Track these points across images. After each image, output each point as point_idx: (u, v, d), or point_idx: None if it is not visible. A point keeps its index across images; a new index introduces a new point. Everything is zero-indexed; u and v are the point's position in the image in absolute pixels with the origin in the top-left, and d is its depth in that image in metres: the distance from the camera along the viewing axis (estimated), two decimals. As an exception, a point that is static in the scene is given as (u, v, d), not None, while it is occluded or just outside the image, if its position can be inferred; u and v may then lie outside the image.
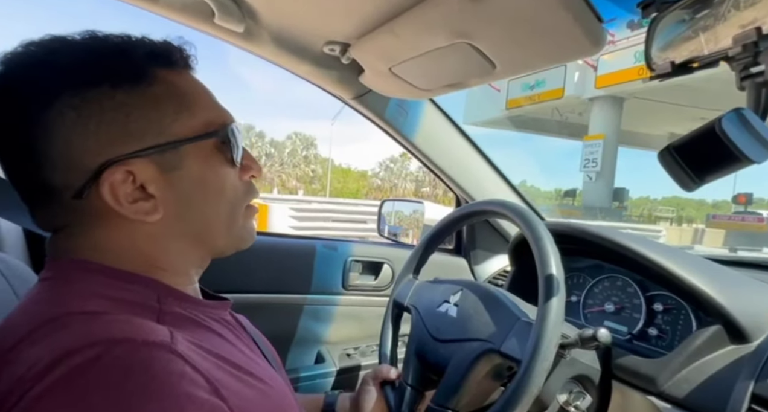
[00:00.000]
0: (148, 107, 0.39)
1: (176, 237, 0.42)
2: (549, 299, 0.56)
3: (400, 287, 0.82)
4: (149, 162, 0.39)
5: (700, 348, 0.65)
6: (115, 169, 0.37)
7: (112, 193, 0.38)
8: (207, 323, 0.42)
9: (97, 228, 0.40)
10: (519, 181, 3.59)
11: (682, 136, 0.43)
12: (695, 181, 0.42)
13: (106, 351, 0.30)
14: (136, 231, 0.40)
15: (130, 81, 0.39)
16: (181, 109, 0.41)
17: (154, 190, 0.39)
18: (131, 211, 0.39)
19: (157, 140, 0.39)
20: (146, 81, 0.39)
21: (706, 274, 0.70)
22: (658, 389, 0.66)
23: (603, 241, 0.82)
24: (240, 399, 0.35)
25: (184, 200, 0.41)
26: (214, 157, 0.43)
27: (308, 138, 34.69)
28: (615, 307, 0.85)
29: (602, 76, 10.95)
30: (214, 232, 0.44)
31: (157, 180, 0.39)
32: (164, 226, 0.41)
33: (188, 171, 0.41)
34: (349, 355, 1.13)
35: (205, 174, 0.42)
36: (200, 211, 0.42)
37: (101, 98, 0.37)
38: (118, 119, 0.38)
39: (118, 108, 0.38)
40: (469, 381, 0.62)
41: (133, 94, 0.39)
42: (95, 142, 0.37)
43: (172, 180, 0.40)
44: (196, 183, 0.41)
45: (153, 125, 0.39)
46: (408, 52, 0.68)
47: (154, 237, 0.41)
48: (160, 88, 0.40)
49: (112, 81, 0.38)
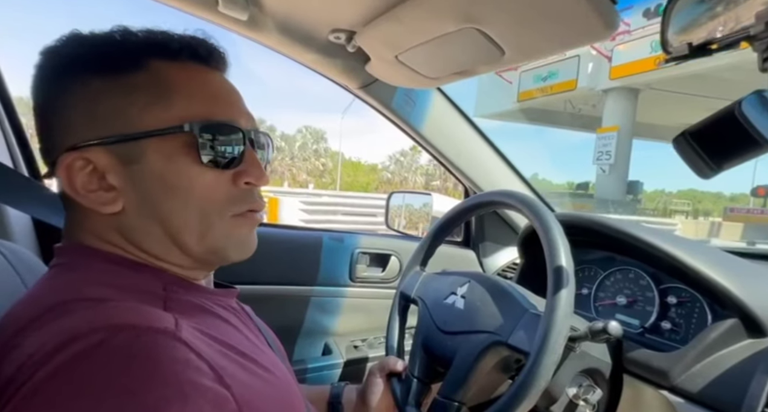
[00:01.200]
0: (119, 96, 0.38)
1: (147, 233, 0.40)
2: (558, 291, 0.55)
3: (407, 279, 0.82)
4: (107, 152, 0.38)
5: (715, 342, 0.63)
6: (72, 154, 0.38)
7: (67, 179, 0.38)
8: (214, 310, 0.42)
9: (76, 214, 0.41)
10: (531, 174, 3.53)
11: (698, 122, 0.41)
12: (712, 168, 0.40)
13: (110, 337, 0.30)
14: (106, 221, 0.40)
15: (112, 68, 0.39)
16: (156, 100, 0.39)
17: (114, 181, 0.39)
18: (88, 199, 0.39)
19: (120, 130, 0.38)
20: (130, 70, 0.39)
21: (723, 266, 0.68)
22: (671, 383, 0.64)
23: (615, 232, 0.80)
24: (244, 387, 0.34)
25: (145, 195, 0.39)
26: (181, 156, 0.39)
27: (318, 132, 34.79)
28: (627, 300, 0.83)
29: (617, 66, 10.70)
30: (184, 236, 0.41)
31: (117, 171, 0.39)
32: (128, 220, 0.40)
33: (148, 166, 0.39)
34: (356, 347, 1.13)
35: (166, 171, 0.39)
36: (163, 209, 0.40)
37: (81, 86, 0.39)
38: (86, 106, 0.39)
39: (89, 95, 0.39)
40: (476, 374, 0.61)
41: (110, 81, 0.39)
42: (64, 127, 0.39)
43: (132, 173, 0.39)
44: (157, 179, 0.39)
45: (119, 115, 0.38)
46: (414, 39, 0.67)
47: (124, 230, 0.40)
48: (142, 77, 0.39)
49: (94, 68, 0.39)
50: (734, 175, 2.44)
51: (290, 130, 39.86)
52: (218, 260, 0.44)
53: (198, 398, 0.30)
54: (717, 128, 0.38)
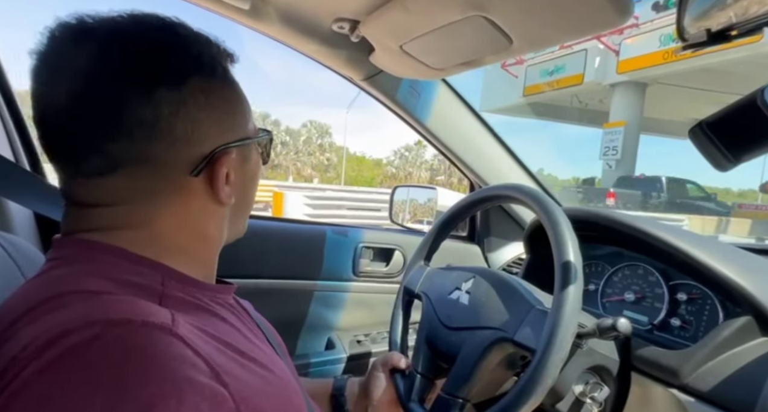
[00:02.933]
0: (238, 101, 0.44)
1: (228, 221, 0.47)
2: (566, 287, 0.54)
3: (411, 273, 0.81)
4: (238, 152, 0.44)
5: (727, 340, 0.62)
6: (224, 154, 0.42)
7: (218, 176, 0.42)
8: (210, 307, 0.41)
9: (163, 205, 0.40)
10: (536, 169, 3.52)
11: (716, 112, 0.40)
12: (730, 160, 0.38)
13: (104, 331, 0.30)
14: (205, 211, 0.43)
15: (228, 76, 0.43)
16: (244, 108, 0.46)
17: (233, 178, 0.43)
18: (225, 194, 0.43)
19: (244, 133, 0.45)
20: (230, 76, 0.44)
21: (736, 262, 0.66)
22: (681, 382, 0.63)
23: (623, 227, 0.78)
24: (242, 385, 0.34)
25: (244, 188, 0.47)
26: (259, 155, 0.49)
27: (323, 126, 34.71)
28: (635, 296, 0.81)
29: (624, 60, 10.55)
30: (245, 219, 0.51)
31: (236, 169, 0.44)
32: (227, 209, 0.45)
33: (251, 163, 0.47)
34: (359, 342, 1.13)
35: (256, 168, 0.49)
36: (249, 199, 0.49)
37: (218, 87, 0.42)
38: (228, 109, 0.43)
39: (226, 99, 0.43)
40: (480, 370, 0.61)
41: (230, 88, 0.44)
42: (216, 128, 0.41)
43: (244, 170, 0.46)
44: (252, 175, 0.48)
45: (241, 118, 0.45)
46: (420, 28, 0.65)
47: (215, 218, 0.44)
48: (236, 84, 0.45)
49: (221, 74, 0.42)
50: (743, 170, 2.40)
51: (295, 124, 39.83)
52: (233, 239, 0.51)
53: (194, 396, 0.29)
54: (736, 118, 0.37)
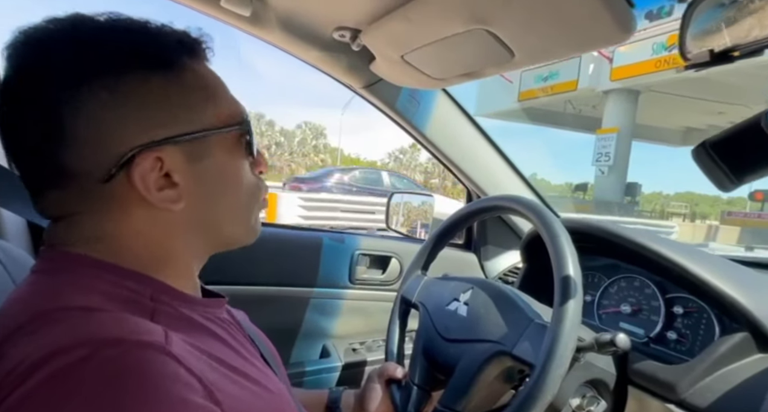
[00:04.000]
0: (181, 94, 0.39)
1: (192, 227, 0.42)
2: (566, 302, 0.54)
3: (408, 283, 0.80)
4: (178, 150, 0.39)
5: (724, 355, 0.62)
6: (147, 154, 0.37)
7: (142, 180, 0.37)
8: (201, 323, 0.41)
9: (110, 216, 0.38)
10: (530, 174, 3.52)
11: (719, 132, 0.40)
12: (733, 181, 0.39)
13: (96, 351, 0.29)
14: (154, 219, 0.39)
15: (163, 67, 0.39)
16: (207, 99, 0.41)
17: (179, 179, 0.39)
18: (158, 199, 0.38)
19: (188, 128, 0.39)
20: (175, 69, 0.39)
21: (732, 277, 0.66)
22: (679, 397, 0.63)
23: (620, 239, 0.78)
24: (235, 401, 0.34)
25: (207, 191, 0.41)
26: (236, 149, 0.43)
27: (318, 127, 34.64)
28: (632, 308, 0.82)
29: (618, 68, 10.68)
30: (232, 222, 0.44)
31: (183, 169, 0.39)
32: (184, 215, 0.40)
33: (213, 161, 0.41)
34: (354, 350, 1.12)
35: (228, 165, 0.42)
36: (220, 202, 0.42)
37: (136, 82, 0.37)
38: (151, 105, 0.37)
39: (152, 94, 0.38)
40: (478, 383, 0.60)
41: (166, 80, 0.39)
42: (128, 127, 0.37)
43: (197, 170, 0.40)
44: (219, 174, 0.42)
45: (184, 113, 0.39)
46: (421, 39, 0.65)
47: (170, 226, 0.40)
48: (188, 77, 0.40)
49: (147, 65, 0.38)
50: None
51: (290, 125, 39.82)
52: (241, 244, 0.47)
53: None
54: (740, 140, 0.37)
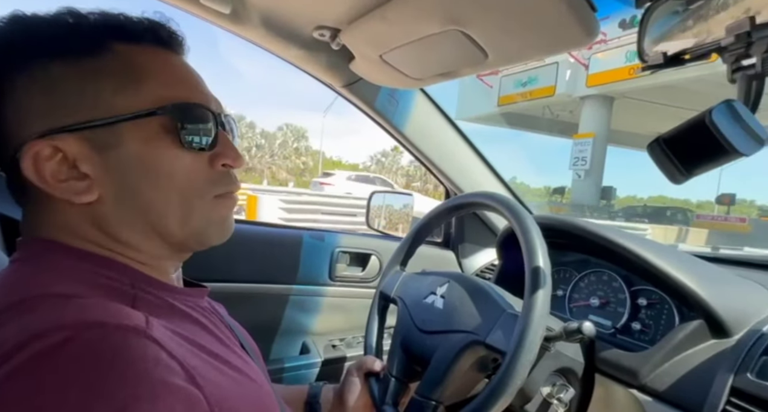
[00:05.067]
0: (84, 80, 0.37)
1: (125, 223, 0.39)
2: (535, 291, 0.56)
3: (387, 278, 0.82)
4: (79, 138, 0.37)
5: (682, 342, 0.66)
6: (39, 143, 0.36)
7: (34, 169, 0.36)
8: (183, 309, 0.41)
9: (43, 207, 0.38)
10: (509, 177, 3.59)
11: (672, 129, 0.43)
12: (683, 174, 0.41)
13: (76, 335, 0.29)
14: (78, 212, 0.38)
15: (73, 52, 0.37)
16: (125, 84, 0.38)
17: (88, 170, 0.37)
18: (58, 189, 0.37)
19: (90, 116, 0.37)
20: (93, 53, 0.38)
21: (690, 269, 0.70)
22: (640, 382, 0.66)
23: (590, 235, 0.82)
24: (216, 387, 0.34)
25: (124, 182, 0.38)
26: (161, 139, 0.39)
27: (300, 130, 34.42)
28: (600, 301, 0.85)
29: (593, 74, 11.02)
30: (166, 219, 0.40)
31: (90, 158, 0.37)
32: (105, 208, 0.38)
33: (126, 151, 0.38)
34: (334, 346, 1.13)
35: (146, 156, 0.38)
36: (144, 195, 0.39)
37: (33, 70, 0.36)
38: (49, 92, 0.36)
39: (51, 81, 0.36)
40: (453, 373, 0.62)
41: (71, 66, 0.37)
42: (23, 115, 0.36)
43: (109, 159, 0.38)
44: (137, 165, 0.38)
45: (87, 100, 0.37)
46: (399, 39, 0.67)
47: (100, 220, 0.39)
48: (106, 61, 0.38)
49: (51, 52, 0.37)
50: (700, 183, 2.49)
51: (271, 127, 39.39)
52: (198, 245, 0.44)
53: (168, 397, 0.29)
54: (689, 136, 0.40)
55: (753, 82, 0.39)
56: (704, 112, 0.38)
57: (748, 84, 0.39)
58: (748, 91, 0.39)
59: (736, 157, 0.37)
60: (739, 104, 0.38)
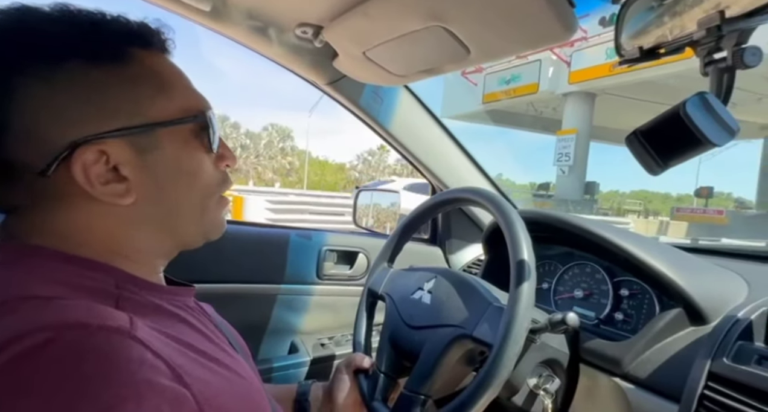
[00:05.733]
0: (124, 87, 0.38)
1: (146, 222, 0.41)
2: (520, 284, 0.57)
3: (374, 275, 0.82)
4: (124, 143, 0.38)
5: (662, 330, 0.67)
6: (88, 148, 0.36)
7: (84, 173, 0.36)
8: (169, 309, 0.41)
9: (59, 210, 0.38)
10: (495, 174, 3.62)
11: (648, 121, 0.44)
12: (660, 165, 0.43)
13: (57, 336, 0.29)
14: (104, 214, 0.39)
15: (107, 58, 0.38)
16: (157, 91, 0.40)
17: (127, 173, 0.38)
18: (103, 192, 0.37)
19: (132, 121, 0.38)
20: (123, 60, 0.39)
21: (670, 260, 0.72)
22: (623, 371, 0.68)
23: (573, 228, 0.83)
24: (204, 386, 0.34)
25: (158, 184, 0.40)
26: (191, 143, 0.42)
27: (285, 130, 34.20)
28: (584, 293, 0.87)
29: (575, 72, 11.19)
30: (185, 219, 0.44)
31: (131, 162, 0.38)
32: (135, 210, 0.40)
33: (163, 154, 0.40)
34: (323, 345, 1.12)
35: (181, 159, 0.41)
36: (173, 196, 0.42)
37: (74, 73, 0.36)
38: (91, 96, 0.37)
39: (93, 85, 0.37)
40: (441, 366, 0.62)
41: (110, 72, 0.38)
42: (66, 119, 0.36)
43: (147, 163, 0.39)
44: (171, 167, 0.41)
45: (128, 106, 0.38)
46: (382, 36, 0.67)
47: (123, 221, 0.40)
48: (136, 68, 0.39)
49: (87, 57, 0.37)
50: (680, 176, 2.60)
51: (255, 127, 39.07)
52: (200, 242, 0.47)
53: (154, 398, 0.29)
54: (664, 128, 0.41)
55: (724, 74, 0.40)
56: (678, 105, 0.39)
57: (719, 77, 0.41)
58: (719, 83, 0.41)
59: (709, 147, 0.38)
60: (712, 96, 0.39)
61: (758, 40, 0.39)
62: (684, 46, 0.44)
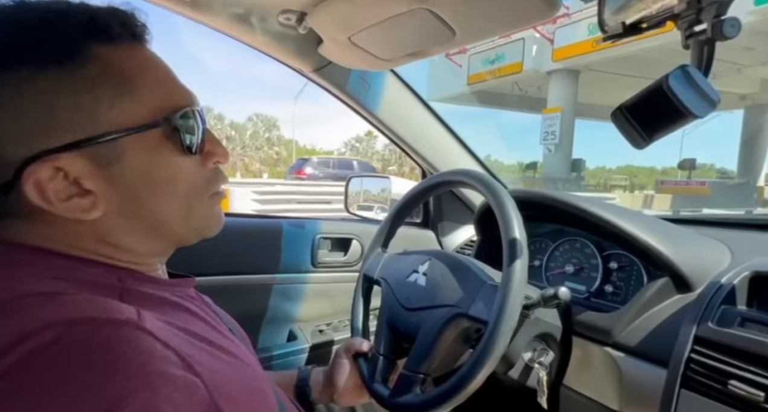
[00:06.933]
0: (78, 93, 0.34)
1: (127, 232, 0.39)
2: (513, 262, 0.58)
3: (369, 260, 0.83)
4: (81, 156, 0.35)
5: (650, 300, 0.70)
6: (40, 165, 0.33)
7: (37, 191, 0.34)
8: (173, 300, 0.41)
9: (35, 222, 0.36)
10: (484, 155, 3.64)
11: (632, 96, 0.45)
12: (645, 139, 0.44)
13: (66, 332, 0.29)
14: (77, 228, 0.37)
15: (57, 61, 0.34)
16: (120, 93, 0.36)
17: (91, 186, 0.36)
18: (63, 209, 0.35)
19: (91, 132, 0.34)
20: (78, 60, 0.34)
21: (656, 231, 0.74)
22: (614, 340, 0.71)
23: (562, 205, 0.85)
24: (213, 374, 0.34)
25: (130, 195, 0.37)
26: (163, 147, 0.38)
27: (270, 119, 33.70)
28: (574, 268, 0.89)
29: (558, 49, 11.16)
30: (170, 224, 0.41)
31: (93, 175, 0.35)
32: (108, 222, 0.37)
33: (130, 164, 0.37)
34: (321, 331, 1.14)
35: (151, 166, 0.38)
36: (150, 205, 0.39)
37: (19, 84, 0.33)
38: (39, 108, 0.33)
39: (40, 95, 0.33)
40: (439, 346, 0.64)
41: (60, 77, 0.34)
42: (15, 135, 0.33)
43: (112, 175, 0.36)
44: (142, 177, 0.37)
45: (84, 114, 0.34)
46: (367, 20, 0.66)
47: (102, 233, 0.38)
48: (94, 68, 0.35)
49: (34, 62, 0.33)
50: (664, 150, 2.62)
51: (240, 118, 38.42)
52: (196, 239, 0.45)
53: (166, 388, 0.30)
54: (648, 102, 0.42)
55: (705, 47, 0.41)
56: (661, 79, 0.40)
57: (700, 49, 0.41)
58: (700, 55, 0.41)
59: (691, 119, 0.39)
60: (693, 69, 0.40)
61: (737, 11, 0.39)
62: (665, 20, 0.44)
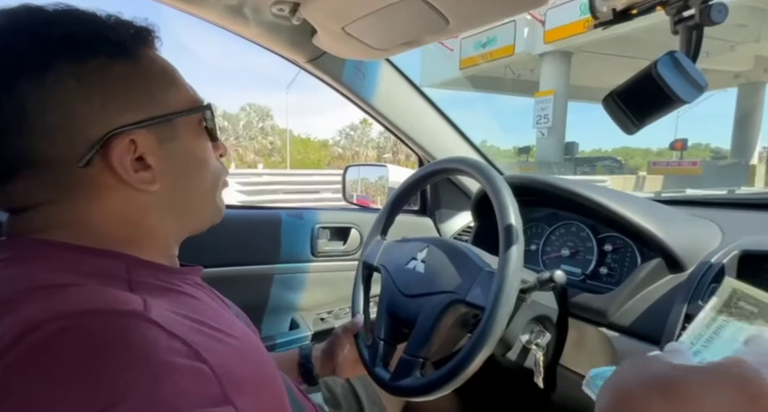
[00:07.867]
0: (143, 80, 0.41)
1: (167, 208, 0.44)
2: (509, 248, 0.60)
3: (369, 248, 0.84)
4: (149, 133, 0.40)
5: (643, 280, 0.72)
6: (122, 138, 0.39)
7: (120, 162, 0.39)
8: (181, 288, 0.42)
9: (86, 201, 0.39)
10: (479, 141, 3.63)
11: (623, 82, 0.46)
12: (636, 124, 0.45)
13: (73, 324, 0.30)
14: (130, 202, 0.41)
15: (124, 54, 0.40)
16: (169, 84, 0.43)
17: (152, 161, 0.41)
18: (135, 180, 0.40)
19: (156, 112, 0.41)
20: (135, 56, 0.41)
21: (648, 213, 0.76)
22: (608, 321, 0.73)
23: (557, 190, 0.86)
24: (221, 359, 0.35)
25: (178, 171, 0.43)
26: (201, 131, 0.45)
27: (263, 109, 33.27)
28: (570, 251, 0.91)
29: (550, 30, 11.05)
30: (201, 203, 0.47)
31: (154, 151, 0.41)
32: (159, 196, 0.42)
33: (181, 143, 0.43)
34: (323, 319, 1.16)
35: (195, 147, 0.45)
36: (190, 182, 0.45)
37: (101, 69, 0.38)
38: (119, 90, 0.39)
39: (118, 79, 0.39)
40: (438, 331, 0.65)
41: (128, 67, 0.40)
42: (99, 112, 0.38)
43: (168, 151, 0.42)
44: (188, 155, 0.44)
45: (149, 98, 0.41)
46: (360, 10, 0.66)
47: (147, 208, 0.42)
48: (147, 63, 0.42)
49: (109, 53, 0.39)
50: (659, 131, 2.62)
51: (233, 108, 37.96)
52: (206, 226, 0.50)
53: (171, 376, 0.30)
54: (638, 88, 0.43)
55: (693, 32, 0.42)
56: (650, 65, 0.41)
57: (688, 35, 0.42)
58: (688, 41, 0.42)
59: (680, 104, 0.40)
60: (681, 55, 0.41)
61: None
62: (655, 6, 0.45)
